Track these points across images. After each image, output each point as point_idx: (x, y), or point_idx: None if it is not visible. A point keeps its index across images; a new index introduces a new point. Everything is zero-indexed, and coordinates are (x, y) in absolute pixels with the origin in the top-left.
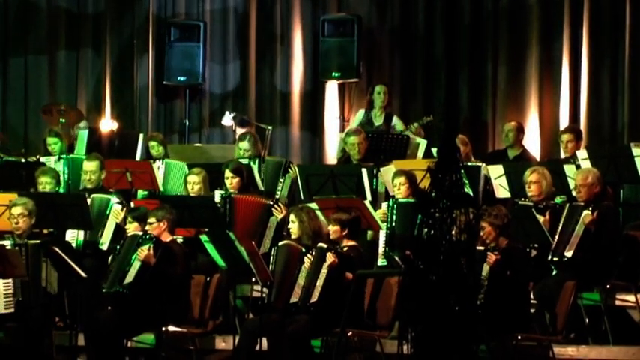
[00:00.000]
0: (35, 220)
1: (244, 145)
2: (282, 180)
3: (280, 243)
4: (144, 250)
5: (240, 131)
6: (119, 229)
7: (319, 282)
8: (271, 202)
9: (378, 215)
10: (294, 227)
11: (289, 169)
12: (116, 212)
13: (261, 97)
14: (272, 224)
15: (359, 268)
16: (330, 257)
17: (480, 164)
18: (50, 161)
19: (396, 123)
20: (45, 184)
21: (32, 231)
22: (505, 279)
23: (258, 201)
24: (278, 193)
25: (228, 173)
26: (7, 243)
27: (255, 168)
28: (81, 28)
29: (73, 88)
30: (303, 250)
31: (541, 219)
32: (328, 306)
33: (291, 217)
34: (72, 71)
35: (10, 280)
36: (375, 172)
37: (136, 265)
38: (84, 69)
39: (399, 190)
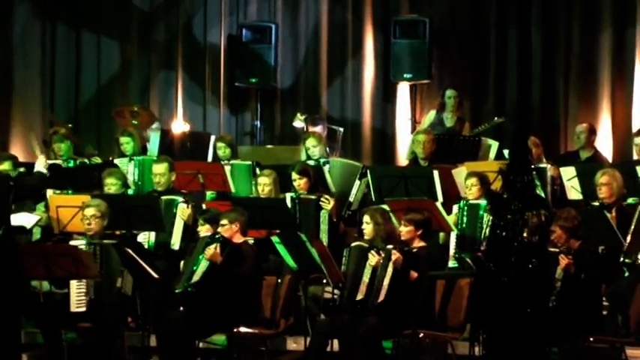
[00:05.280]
0: (107, 221)
1: (311, 142)
2: (358, 183)
3: (352, 244)
4: (210, 249)
5: (311, 130)
6: (187, 229)
7: (386, 281)
8: (317, 196)
9: (451, 218)
10: (368, 228)
11: (366, 175)
12: (182, 210)
13: (332, 99)
14: (323, 218)
15: (427, 269)
16: (394, 254)
17: (545, 165)
18: (123, 163)
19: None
20: (110, 185)
21: (105, 232)
22: (578, 281)
23: (310, 198)
24: (352, 196)
25: (294, 175)
26: (82, 243)
27: (325, 169)
28: (153, 29)
29: (146, 90)
30: (366, 246)
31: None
32: (396, 306)
33: (366, 218)
34: (144, 72)
35: (84, 279)
36: None
37: (203, 264)
38: (156, 70)
39: (471, 190)
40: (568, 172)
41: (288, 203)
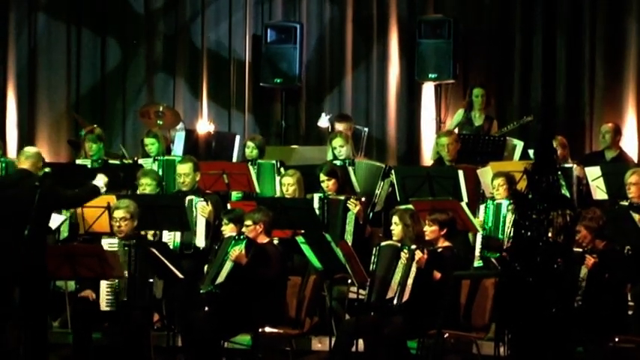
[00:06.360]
0: (137, 222)
1: (338, 141)
2: (381, 184)
3: (383, 243)
4: (235, 251)
5: (338, 127)
6: (210, 227)
7: (410, 281)
8: (346, 197)
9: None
10: (397, 229)
11: (390, 174)
12: (202, 208)
13: (357, 99)
14: (350, 219)
15: (452, 269)
16: (417, 254)
17: (570, 165)
18: (147, 163)
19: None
20: (145, 185)
21: (135, 232)
22: (603, 281)
23: (338, 199)
24: (376, 197)
25: (322, 176)
26: (114, 242)
27: (351, 170)
28: (177, 30)
29: (170, 90)
30: (399, 245)
31: (636, 217)
32: (420, 306)
33: (395, 218)
34: (168, 73)
35: (116, 280)
36: None
37: (227, 265)
38: (180, 71)
39: (498, 190)
40: (593, 172)
41: (316, 204)
